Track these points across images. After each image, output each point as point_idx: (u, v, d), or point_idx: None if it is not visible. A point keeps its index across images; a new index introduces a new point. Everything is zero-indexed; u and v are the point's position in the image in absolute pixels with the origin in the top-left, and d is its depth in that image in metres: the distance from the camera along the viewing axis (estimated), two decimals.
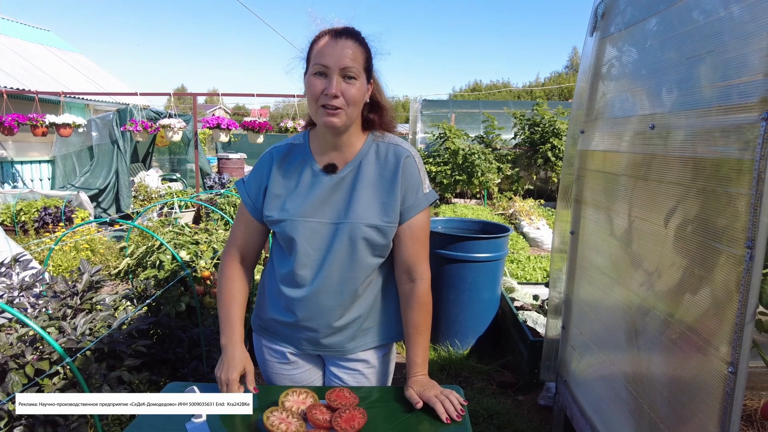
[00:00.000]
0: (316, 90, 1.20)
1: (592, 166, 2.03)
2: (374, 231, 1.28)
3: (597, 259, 1.96)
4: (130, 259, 3.00)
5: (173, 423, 1.18)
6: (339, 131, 1.27)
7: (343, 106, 1.20)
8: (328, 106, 1.20)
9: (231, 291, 1.39)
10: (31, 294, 2.03)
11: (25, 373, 1.67)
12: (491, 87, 41.35)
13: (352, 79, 1.20)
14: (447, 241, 3.32)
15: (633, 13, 1.73)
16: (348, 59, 1.19)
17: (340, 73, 1.19)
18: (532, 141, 10.84)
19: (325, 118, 1.22)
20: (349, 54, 1.19)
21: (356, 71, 1.20)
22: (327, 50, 1.19)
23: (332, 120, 1.21)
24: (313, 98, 1.22)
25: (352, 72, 1.19)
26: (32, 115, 6.71)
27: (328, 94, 1.19)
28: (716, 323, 1.18)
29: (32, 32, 12.15)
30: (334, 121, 1.22)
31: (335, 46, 1.19)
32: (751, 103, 1.07)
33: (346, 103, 1.21)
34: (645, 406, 1.52)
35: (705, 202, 1.25)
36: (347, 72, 1.19)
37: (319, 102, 1.21)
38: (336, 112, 1.20)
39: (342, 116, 1.22)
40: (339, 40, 1.19)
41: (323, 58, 1.19)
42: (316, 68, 1.20)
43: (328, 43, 1.20)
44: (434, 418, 1.22)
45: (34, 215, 6.36)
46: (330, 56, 1.18)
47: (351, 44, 1.20)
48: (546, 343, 2.45)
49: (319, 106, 1.21)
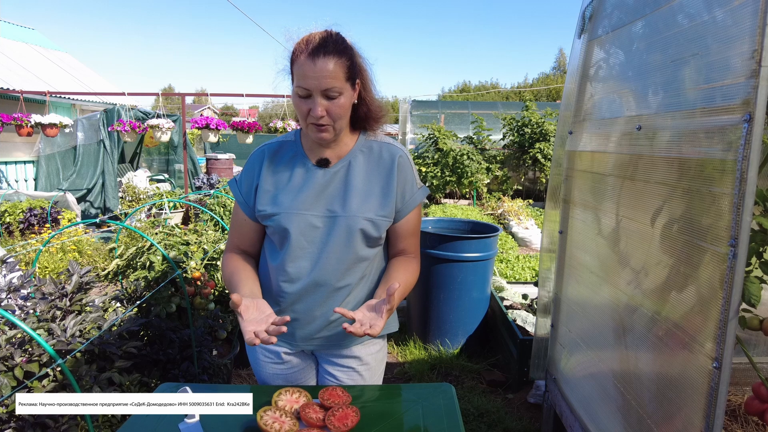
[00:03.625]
0: (302, 110, 1.24)
1: (580, 166, 2.06)
2: (370, 224, 1.31)
3: (585, 258, 1.99)
4: (120, 260, 2.98)
5: (165, 423, 1.18)
6: (330, 142, 1.31)
7: (329, 123, 1.24)
8: (316, 124, 1.23)
9: (233, 266, 1.38)
10: (18, 296, 2.01)
11: (14, 376, 1.65)
12: (480, 88, 41.56)
13: (335, 97, 1.21)
14: (437, 241, 3.35)
15: (620, 16, 1.76)
16: (328, 80, 1.18)
17: (322, 94, 1.20)
18: (521, 143, 10.92)
19: (314, 134, 1.26)
20: (329, 73, 1.18)
21: (338, 88, 1.20)
22: (307, 73, 1.18)
23: (322, 135, 1.26)
24: (301, 116, 1.26)
25: (334, 91, 1.20)
26: (17, 115, 6.61)
27: (314, 116, 1.21)
28: (701, 320, 1.21)
29: (17, 31, 11.97)
30: (324, 136, 1.26)
31: (314, 68, 1.17)
32: (734, 105, 1.10)
33: (333, 120, 1.23)
34: (633, 402, 1.55)
35: (690, 202, 1.28)
36: (329, 93, 1.20)
37: (307, 120, 1.24)
38: (324, 127, 1.24)
39: (330, 131, 1.26)
40: (317, 60, 1.17)
41: (304, 81, 1.19)
42: (299, 90, 1.21)
43: (306, 65, 1.17)
44: (428, 414, 1.23)
45: (19, 216, 6.26)
46: (310, 79, 1.18)
47: (330, 61, 1.17)
48: (535, 341, 2.48)
49: (308, 123, 1.24)
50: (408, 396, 1.34)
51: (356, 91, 1.28)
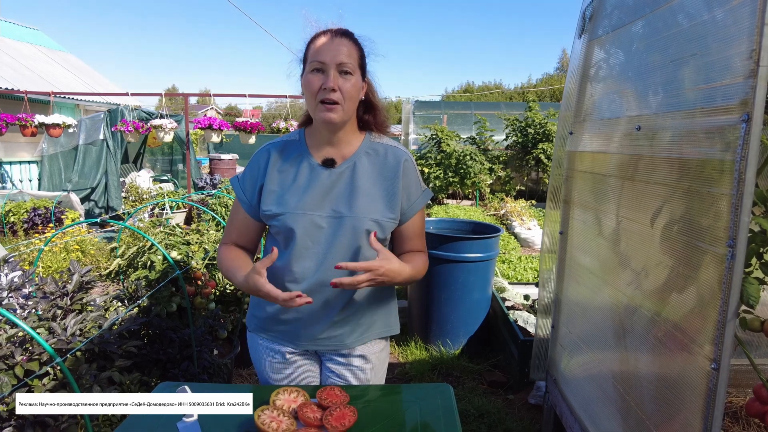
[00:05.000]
0: (314, 86, 1.25)
1: (581, 167, 2.05)
2: (376, 225, 1.32)
3: (585, 259, 1.98)
4: (121, 260, 2.99)
5: (164, 423, 1.18)
6: (337, 127, 1.31)
7: (340, 100, 1.25)
8: (327, 100, 1.24)
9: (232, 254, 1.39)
10: (20, 295, 2.02)
11: (15, 374, 1.66)
12: (483, 88, 41.50)
13: (348, 74, 1.26)
14: (439, 242, 3.34)
15: (619, 16, 1.76)
16: (344, 55, 1.24)
17: (337, 68, 1.24)
18: (524, 143, 10.91)
19: (323, 114, 1.26)
20: (345, 51, 1.25)
21: (352, 67, 1.26)
22: (324, 48, 1.25)
23: (330, 115, 1.26)
24: (311, 94, 1.27)
25: (348, 67, 1.25)
26: (21, 115, 6.64)
27: (326, 88, 1.23)
28: (700, 321, 1.21)
29: (21, 31, 12.04)
30: (332, 117, 1.26)
31: (331, 44, 1.25)
32: (732, 105, 1.10)
33: (343, 98, 1.25)
34: (632, 404, 1.55)
35: (689, 203, 1.27)
36: (343, 67, 1.25)
37: (317, 98, 1.25)
38: (334, 107, 1.25)
39: (339, 111, 1.26)
40: (335, 38, 1.26)
41: (320, 55, 1.24)
42: (314, 65, 1.25)
43: (324, 42, 1.26)
44: (425, 414, 1.23)
45: (23, 216, 6.30)
46: (327, 53, 1.24)
47: (346, 42, 1.27)
48: (536, 342, 2.47)
49: (317, 102, 1.26)
50: (406, 396, 1.34)
51: (364, 87, 1.33)
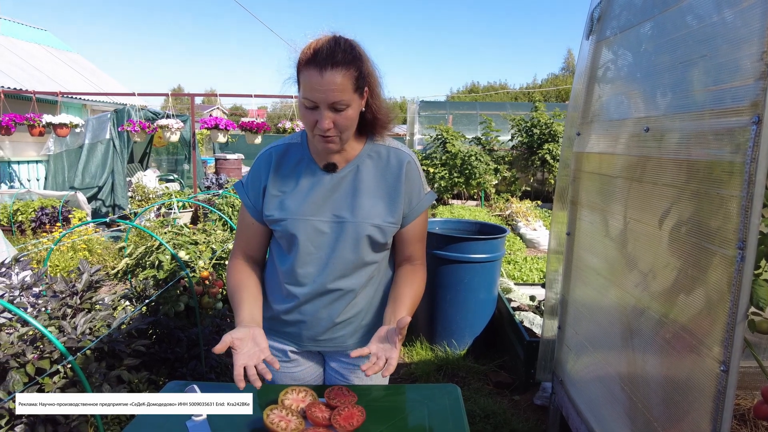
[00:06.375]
0: (308, 121, 1.21)
1: (588, 167, 2.05)
2: (377, 230, 1.31)
3: (592, 260, 1.98)
4: (129, 259, 3.01)
5: (173, 421, 1.19)
6: (337, 153, 1.30)
7: (336, 134, 1.22)
8: (323, 136, 1.21)
9: (237, 279, 1.38)
10: (30, 294, 2.04)
11: (26, 372, 1.68)
12: (489, 88, 41.41)
13: (342, 110, 1.19)
14: (444, 242, 3.34)
15: (628, 17, 1.76)
16: (336, 93, 1.15)
17: (330, 107, 1.17)
18: (530, 143, 10.88)
19: (321, 145, 1.24)
20: (337, 87, 1.15)
21: (346, 101, 1.17)
22: (314, 85, 1.15)
23: (329, 146, 1.24)
24: (307, 126, 1.23)
25: (341, 104, 1.17)
26: (29, 115, 6.70)
27: (320, 128, 1.19)
28: (709, 323, 1.21)
29: (29, 32, 12.13)
30: (331, 147, 1.25)
31: (321, 80, 1.14)
32: (742, 106, 1.09)
33: (340, 131, 1.22)
34: (639, 406, 1.54)
35: (698, 204, 1.27)
36: (336, 106, 1.17)
37: (314, 131, 1.22)
38: (331, 139, 1.22)
39: (337, 142, 1.24)
40: (325, 72, 1.13)
41: (311, 94, 1.16)
42: (306, 102, 1.19)
43: (313, 77, 1.14)
44: (433, 414, 1.23)
45: (31, 215, 6.35)
46: (317, 92, 1.15)
47: (338, 73, 1.14)
48: (542, 343, 2.47)
49: (315, 134, 1.23)
50: (413, 396, 1.35)
51: (364, 99, 1.25)
